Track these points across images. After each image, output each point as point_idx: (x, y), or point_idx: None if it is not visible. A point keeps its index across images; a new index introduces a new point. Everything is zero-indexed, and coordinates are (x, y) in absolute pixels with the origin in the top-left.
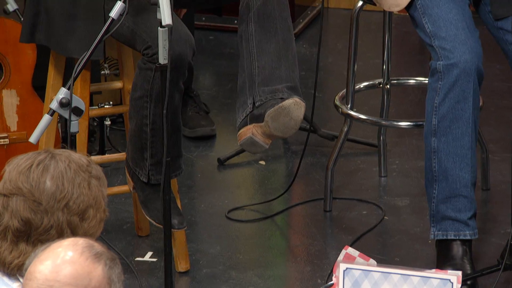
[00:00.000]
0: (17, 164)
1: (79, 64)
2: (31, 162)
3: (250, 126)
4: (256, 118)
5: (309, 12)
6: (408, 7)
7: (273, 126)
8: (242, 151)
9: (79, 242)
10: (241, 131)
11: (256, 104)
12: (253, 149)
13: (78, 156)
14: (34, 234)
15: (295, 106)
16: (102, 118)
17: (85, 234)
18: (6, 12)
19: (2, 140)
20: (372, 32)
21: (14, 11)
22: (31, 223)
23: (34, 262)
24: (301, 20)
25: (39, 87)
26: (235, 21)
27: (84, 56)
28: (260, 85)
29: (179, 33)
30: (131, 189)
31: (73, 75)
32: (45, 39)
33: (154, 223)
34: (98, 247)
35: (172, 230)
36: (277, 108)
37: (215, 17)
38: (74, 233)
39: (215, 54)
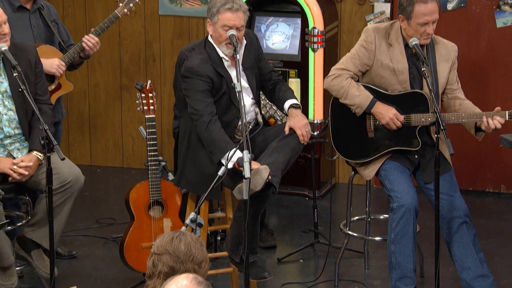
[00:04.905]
0: (163, 237)
1: (201, 200)
2: (172, 236)
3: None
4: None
5: (328, 184)
6: (377, 175)
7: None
8: (291, 253)
9: (190, 275)
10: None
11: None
12: (238, 196)
13: (195, 235)
14: (176, 275)
15: (264, 169)
16: (215, 234)
17: (201, 276)
18: (167, 179)
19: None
20: (361, 195)
21: (173, 180)
22: (174, 269)
23: (165, 287)
24: (323, 189)
25: (182, 219)
26: (289, 188)
27: (203, 196)
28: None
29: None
30: (234, 271)
31: (197, 205)
32: (186, 185)
33: (257, 280)
34: (200, 278)
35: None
36: (253, 170)
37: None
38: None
39: (278, 206)
